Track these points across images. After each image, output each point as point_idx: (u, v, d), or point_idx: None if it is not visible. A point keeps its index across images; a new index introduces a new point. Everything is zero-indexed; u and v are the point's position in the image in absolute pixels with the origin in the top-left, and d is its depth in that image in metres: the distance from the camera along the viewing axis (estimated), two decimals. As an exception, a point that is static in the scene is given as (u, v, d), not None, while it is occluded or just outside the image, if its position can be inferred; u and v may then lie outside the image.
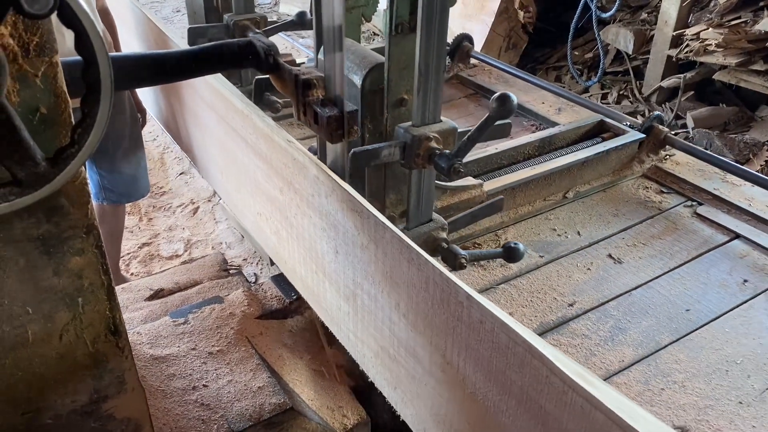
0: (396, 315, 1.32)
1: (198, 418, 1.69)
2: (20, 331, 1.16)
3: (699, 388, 1.72)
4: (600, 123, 2.82)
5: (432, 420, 1.32)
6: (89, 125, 0.83)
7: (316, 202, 1.51)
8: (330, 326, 1.68)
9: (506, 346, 1.01)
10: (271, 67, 1.63)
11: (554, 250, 2.22)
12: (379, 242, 1.29)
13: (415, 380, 1.35)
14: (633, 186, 2.61)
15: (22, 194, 0.85)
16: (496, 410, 1.11)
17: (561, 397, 0.94)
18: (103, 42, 0.79)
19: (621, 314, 1.95)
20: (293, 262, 1.81)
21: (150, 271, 3.26)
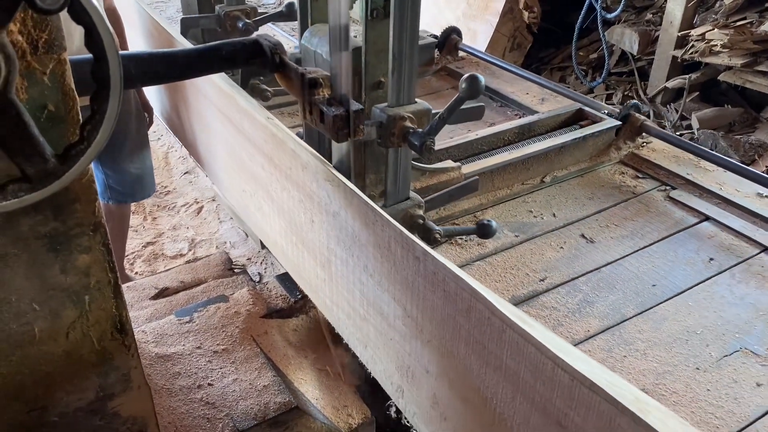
0: (364, 276, 1.42)
1: (203, 417, 1.69)
2: (27, 329, 1.16)
3: (659, 356, 1.80)
4: (579, 111, 2.92)
5: (397, 372, 1.43)
6: (98, 122, 0.83)
7: (294, 175, 1.61)
8: (310, 295, 1.77)
9: (455, 293, 1.11)
10: (277, 65, 1.63)
11: (529, 231, 2.32)
12: (349, 208, 1.40)
13: (382, 336, 1.45)
14: (610, 171, 2.71)
15: (31, 190, 0.85)
16: (449, 354, 1.21)
17: (500, 335, 1.05)
18: (113, 38, 0.79)
19: (590, 289, 2.04)
20: (275, 235, 1.91)
21: (154, 270, 3.27)
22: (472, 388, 1.18)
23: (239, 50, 1.58)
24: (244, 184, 2.02)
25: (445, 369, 1.25)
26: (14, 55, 0.78)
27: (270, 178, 1.78)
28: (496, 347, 1.07)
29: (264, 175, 1.81)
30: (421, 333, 1.28)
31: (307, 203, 1.60)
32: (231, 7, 2.48)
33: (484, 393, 1.15)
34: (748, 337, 1.83)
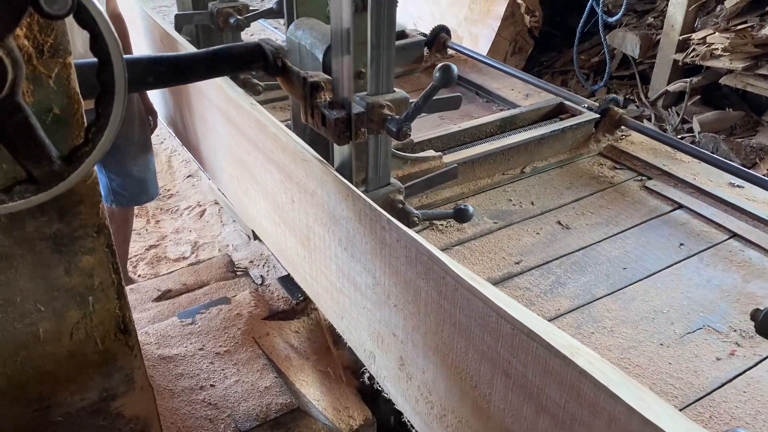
0: (339, 250, 1.54)
1: (205, 418, 1.70)
2: (31, 329, 1.17)
3: (625, 333, 1.87)
4: (560, 105, 3.01)
5: (369, 339, 1.55)
6: (103, 125, 0.84)
7: (275, 157, 1.72)
8: (291, 272, 1.90)
9: (415, 258, 1.22)
10: (279, 69, 1.65)
11: (508, 218, 2.40)
12: (324, 185, 1.52)
13: (356, 305, 1.56)
14: (589, 163, 2.79)
15: (37, 192, 0.86)
16: (412, 316, 1.32)
17: (453, 293, 1.14)
18: (118, 43, 0.80)
19: (562, 271, 2.12)
20: (261, 218, 2.03)
21: (157, 272, 3.28)
22: (431, 347, 1.29)
23: (242, 54, 1.60)
24: (232, 170, 2.13)
25: (409, 331, 1.36)
26: (21, 59, 0.79)
27: (255, 162, 1.89)
28: (450, 305, 1.17)
29: (249, 159, 1.92)
30: (388, 299, 1.39)
31: (288, 184, 1.71)
32: (223, 4, 2.59)
33: (442, 349, 1.25)
34: (712, 315, 1.90)
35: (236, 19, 2.64)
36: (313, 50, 2.02)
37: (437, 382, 1.31)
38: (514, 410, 1.10)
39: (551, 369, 0.97)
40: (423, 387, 1.38)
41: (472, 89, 3.46)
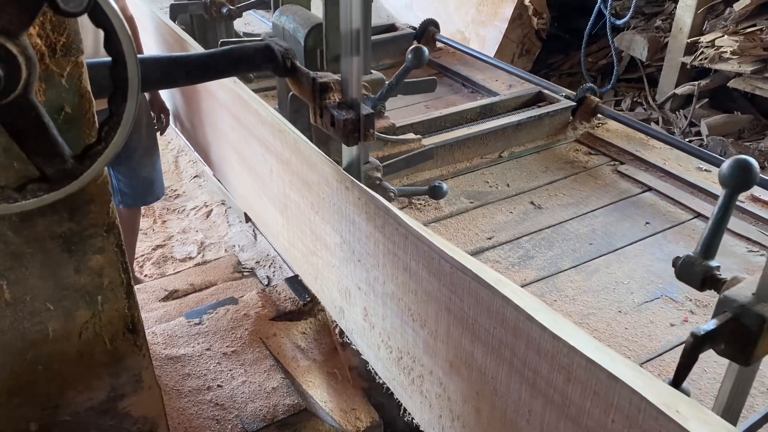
0: (312, 214, 1.67)
1: (212, 418, 1.70)
2: (41, 328, 1.17)
3: (586, 301, 1.99)
4: (539, 93, 3.16)
5: (339, 295, 1.68)
6: (116, 123, 0.84)
7: (256, 131, 1.84)
8: (271, 241, 2.09)
9: (374, 213, 1.37)
10: (288, 70, 1.64)
11: (484, 198, 2.55)
12: (297, 154, 1.64)
13: (327, 265, 1.70)
14: (565, 149, 2.92)
15: (50, 190, 0.86)
16: (372, 267, 1.45)
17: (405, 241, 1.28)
18: (132, 42, 0.80)
19: (531, 246, 2.26)
20: (246, 192, 2.17)
21: (163, 272, 3.28)
22: (389, 294, 1.41)
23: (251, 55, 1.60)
24: (222, 150, 2.28)
25: (370, 281, 1.49)
26: (35, 57, 0.79)
27: (238, 138, 2.04)
28: (402, 253, 1.30)
29: (234, 136, 2.08)
30: (353, 254, 1.53)
31: (267, 156, 1.85)
32: (217, -5, 2.77)
33: (397, 295, 1.38)
34: (670, 287, 2.00)
35: (228, 9, 2.79)
36: (296, 34, 2.19)
37: (394, 327, 1.45)
38: (456, 342, 1.23)
39: (482, 299, 1.10)
40: (383, 333, 1.51)
41: (458, 80, 3.62)
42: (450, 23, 5.35)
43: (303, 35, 2.14)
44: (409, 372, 1.45)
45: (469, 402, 1.23)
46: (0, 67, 0.75)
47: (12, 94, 0.78)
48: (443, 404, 1.34)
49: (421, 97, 3.38)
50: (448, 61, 3.79)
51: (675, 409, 0.81)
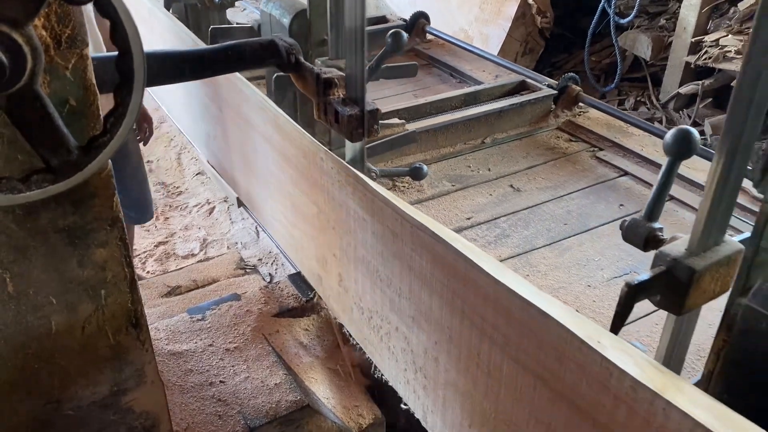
0: (291, 186, 1.80)
1: (215, 414, 1.69)
2: (44, 322, 1.17)
3: (558, 276, 2.08)
4: (522, 83, 3.28)
5: (317, 264, 1.82)
6: (122, 114, 0.84)
7: (242, 110, 1.96)
8: (259, 219, 2.23)
9: (345, 182, 1.46)
10: (292, 66, 1.64)
11: (465, 181, 2.65)
12: (277, 129, 1.74)
13: (306, 235, 1.82)
14: (547, 136, 3.03)
15: (54, 182, 0.86)
16: (344, 233, 1.57)
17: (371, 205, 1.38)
18: (138, 32, 0.80)
19: (508, 226, 2.36)
20: (233, 171, 2.34)
21: (166, 269, 3.28)
22: (359, 258, 1.52)
23: (256, 50, 1.60)
24: (209, 127, 2.45)
25: (343, 246, 1.60)
26: (40, 48, 0.79)
27: (225, 118, 2.17)
28: (370, 217, 1.41)
29: (221, 116, 2.21)
30: (328, 222, 1.64)
31: (251, 132, 1.96)
32: (207, -15, 2.86)
33: (366, 258, 1.49)
34: (640, 264, 2.08)
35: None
36: (282, 20, 2.32)
37: (365, 289, 1.56)
38: (416, 297, 1.33)
39: (437, 254, 1.21)
40: (355, 296, 1.63)
41: (447, 71, 3.76)
42: (453, 21, 5.34)
43: (288, 21, 2.27)
44: (378, 330, 1.56)
45: (428, 353, 1.35)
46: (5, 57, 0.74)
47: (17, 85, 0.78)
48: (407, 357, 1.46)
49: (411, 86, 3.51)
50: (437, 53, 3.92)
51: (597, 340, 0.90)
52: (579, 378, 0.94)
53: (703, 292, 1.19)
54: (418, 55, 3.96)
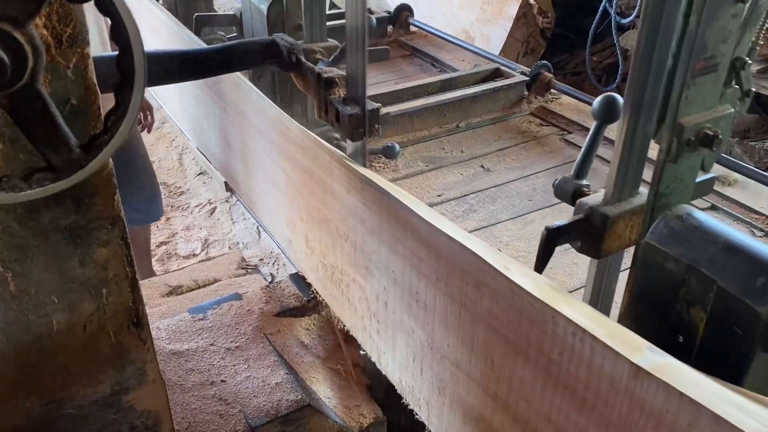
0: (264, 158, 1.96)
1: (216, 413, 1.70)
2: (45, 321, 1.17)
3: (519, 245, 2.27)
4: (496, 70, 3.45)
5: (287, 228, 2.00)
6: (122, 113, 0.84)
7: (222, 89, 2.13)
8: (236, 188, 2.43)
9: (311, 150, 1.63)
10: (293, 65, 1.65)
11: (438, 162, 2.81)
12: (250, 104, 1.87)
13: (277, 202, 1.97)
14: (519, 121, 3.19)
15: (55, 180, 0.86)
16: (308, 195, 1.72)
17: (329, 167, 1.55)
18: (138, 30, 0.80)
19: (476, 202, 2.53)
20: (213, 148, 2.55)
21: (167, 269, 3.28)
22: (322, 219, 1.68)
23: (257, 50, 1.60)
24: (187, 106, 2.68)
25: (308, 209, 1.76)
26: (41, 47, 0.79)
27: (210, 101, 2.34)
28: (330, 178, 1.54)
29: (204, 96, 2.39)
30: (295, 188, 1.78)
31: (229, 110, 2.13)
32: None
33: (327, 217, 1.65)
34: None
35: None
36: (260, 6, 2.48)
37: (327, 247, 1.71)
38: (368, 247, 1.48)
39: (383, 205, 1.35)
40: (320, 255, 1.78)
41: (428, 60, 3.94)
42: (455, 22, 5.34)
43: (266, 7, 2.44)
44: (339, 283, 1.72)
45: (380, 297, 1.51)
46: (7, 56, 0.75)
47: (18, 84, 0.78)
48: (363, 305, 1.61)
49: (392, 75, 3.73)
50: (419, 43, 4.11)
51: (505, 267, 1.06)
52: (492, 301, 1.11)
53: (619, 238, 1.36)
54: (402, 46, 4.12)
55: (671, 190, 1.26)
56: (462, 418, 1.30)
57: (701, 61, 1.13)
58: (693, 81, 1.15)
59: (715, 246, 1.16)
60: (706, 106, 1.20)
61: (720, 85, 1.22)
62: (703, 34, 1.10)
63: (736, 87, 1.29)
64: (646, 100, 1.21)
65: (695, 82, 1.16)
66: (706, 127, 1.20)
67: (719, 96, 1.24)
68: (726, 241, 1.16)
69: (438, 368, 1.34)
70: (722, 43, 1.15)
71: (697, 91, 1.17)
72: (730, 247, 1.15)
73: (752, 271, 1.11)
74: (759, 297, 1.08)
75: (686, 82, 1.14)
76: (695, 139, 1.19)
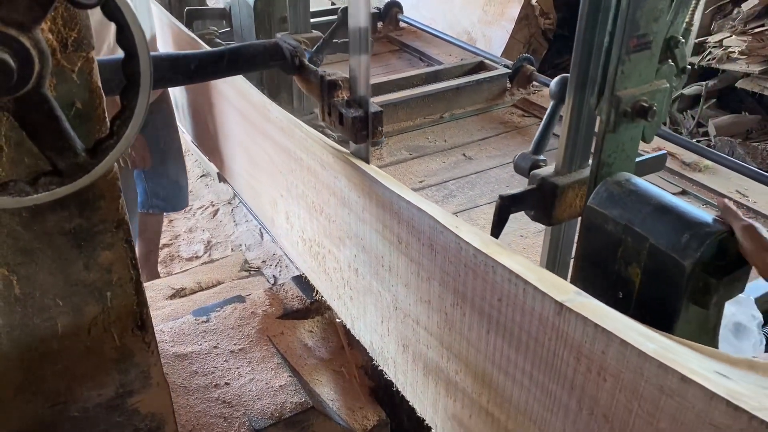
0: (248, 140, 2.08)
1: (220, 416, 1.70)
2: (50, 324, 1.17)
3: None
4: (480, 63, 3.58)
5: (269, 207, 2.10)
6: (128, 117, 0.84)
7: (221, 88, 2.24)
8: (224, 172, 2.53)
9: (286, 127, 1.73)
10: (296, 68, 1.65)
11: (422, 151, 2.93)
12: (233, 87, 1.96)
13: (261, 184, 2.10)
14: (502, 112, 3.31)
15: (61, 184, 0.86)
16: (288, 173, 1.82)
17: (304, 145, 1.65)
18: (144, 36, 0.80)
19: (456, 188, 2.62)
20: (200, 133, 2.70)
21: (170, 271, 3.29)
22: (300, 195, 1.77)
23: (260, 53, 1.60)
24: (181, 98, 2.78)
25: (289, 188, 1.85)
26: (47, 51, 0.79)
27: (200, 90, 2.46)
28: (305, 155, 1.66)
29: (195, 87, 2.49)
30: (276, 167, 1.89)
31: (215, 94, 2.27)
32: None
33: (305, 194, 1.75)
34: None
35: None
36: None
37: (305, 221, 1.81)
38: (340, 219, 1.57)
39: (351, 176, 1.45)
40: (299, 230, 1.87)
41: (416, 55, 4.07)
42: (456, 23, 5.35)
43: (253, 1, 2.56)
44: (316, 256, 1.81)
45: (351, 265, 1.59)
46: (13, 61, 0.75)
47: (25, 88, 0.78)
48: (337, 275, 1.70)
49: (381, 69, 3.87)
50: (408, 39, 4.26)
51: (455, 226, 1.16)
52: (443, 258, 1.19)
53: (569, 206, 1.47)
54: (391, 41, 4.28)
55: (613, 159, 1.37)
56: (423, 371, 1.40)
57: (634, 39, 1.24)
58: (628, 57, 1.26)
59: (648, 207, 1.28)
60: (642, 80, 1.32)
61: (655, 61, 1.34)
62: (635, 14, 1.21)
63: (672, 64, 1.40)
64: (589, 77, 1.31)
65: (630, 58, 1.26)
66: (642, 100, 1.31)
67: (655, 72, 1.36)
68: (658, 203, 1.29)
69: (402, 327, 1.43)
70: (654, 22, 1.26)
71: (632, 67, 1.28)
72: (660, 208, 1.27)
73: (679, 229, 1.22)
74: (684, 251, 1.20)
75: (621, 57, 1.25)
76: (632, 110, 1.30)
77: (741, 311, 1.69)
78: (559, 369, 0.99)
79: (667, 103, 1.43)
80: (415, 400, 1.48)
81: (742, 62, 4.33)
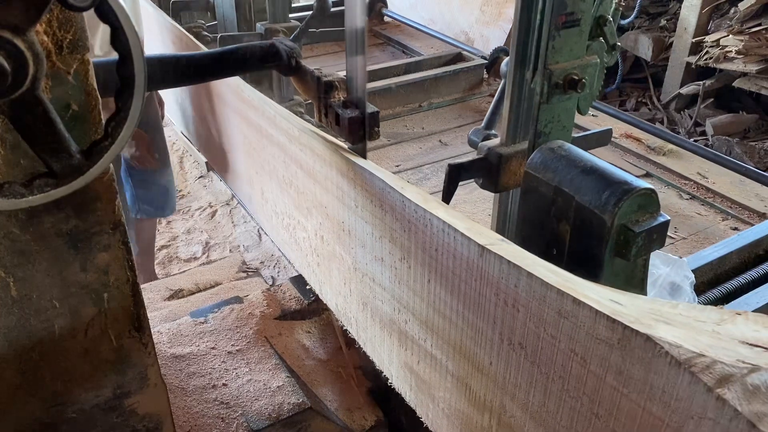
0: (226, 123, 2.19)
1: (217, 416, 1.70)
2: (47, 325, 1.17)
3: (465, 208, 2.52)
4: (458, 54, 3.76)
5: (247, 186, 2.21)
6: (122, 119, 0.84)
7: None
8: (213, 164, 2.67)
9: (257, 105, 1.83)
10: (293, 69, 1.65)
11: (399, 137, 3.07)
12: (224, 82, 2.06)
13: (239, 163, 2.22)
14: (479, 101, 3.46)
15: (57, 186, 0.86)
16: (271, 158, 1.88)
17: (282, 128, 1.72)
18: (138, 37, 0.81)
19: (431, 172, 2.78)
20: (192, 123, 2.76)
21: (168, 272, 3.29)
22: (272, 171, 1.87)
23: (256, 54, 1.60)
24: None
25: (262, 164, 1.95)
26: (42, 54, 0.80)
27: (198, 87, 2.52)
28: (277, 132, 1.72)
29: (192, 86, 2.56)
30: (250, 146, 2.00)
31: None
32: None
33: (276, 168, 1.83)
34: None
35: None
36: None
37: (276, 196, 1.91)
38: (309, 191, 1.65)
39: (317, 151, 1.54)
40: (273, 204, 1.97)
41: (399, 48, 4.25)
42: (454, 23, 5.34)
43: None
44: (288, 227, 1.90)
45: (318, 233, 1.69)
46: (8, 63, 0.75)
47: (19, 90, 0.78)
48: (306, 244, 1.79)
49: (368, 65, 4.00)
50: (392, 33, 4.42)
51: (402, 187, 1.25)
52: (392, 217, 1.29)
53: (514, 174, 1.59)
54: (375, 35, 4.43)
55: (549, 129, 1.50)
56: (380, 325, 1.49)
57: (563, 16, 1.38)
58: (558, 33, 1.39)
59: (575, 170, 1.43)
60: (573, 55, 1.45)
61: (585, 38, 1.48)
62: (558, -7, 1.35)
63: (602, 41, 1.55)
64: (529, 52, 1.45)
65: (560, 34, 1.39)
66: (573, 73, 1.43)
67: (585, 48, 1.49)
68: (584, 165, 1.42)
69: (361, 286, 1.53)
70: (581, 1, 1.41)
71: (563, 42, 1.41)
72: (586, 170, 1.42)
73: (601, 188, 1.37)
74: (604, 207, 1.35)
75: (551, 33, 1.37)
76: (563, 82, 1.43)
77: (676, 272, 1.87)
78: (483, 306, 1.10)
79: (599, 77, 1.57)
80: (374, 354, 1.58)
81: (740, 61, 4.33)
